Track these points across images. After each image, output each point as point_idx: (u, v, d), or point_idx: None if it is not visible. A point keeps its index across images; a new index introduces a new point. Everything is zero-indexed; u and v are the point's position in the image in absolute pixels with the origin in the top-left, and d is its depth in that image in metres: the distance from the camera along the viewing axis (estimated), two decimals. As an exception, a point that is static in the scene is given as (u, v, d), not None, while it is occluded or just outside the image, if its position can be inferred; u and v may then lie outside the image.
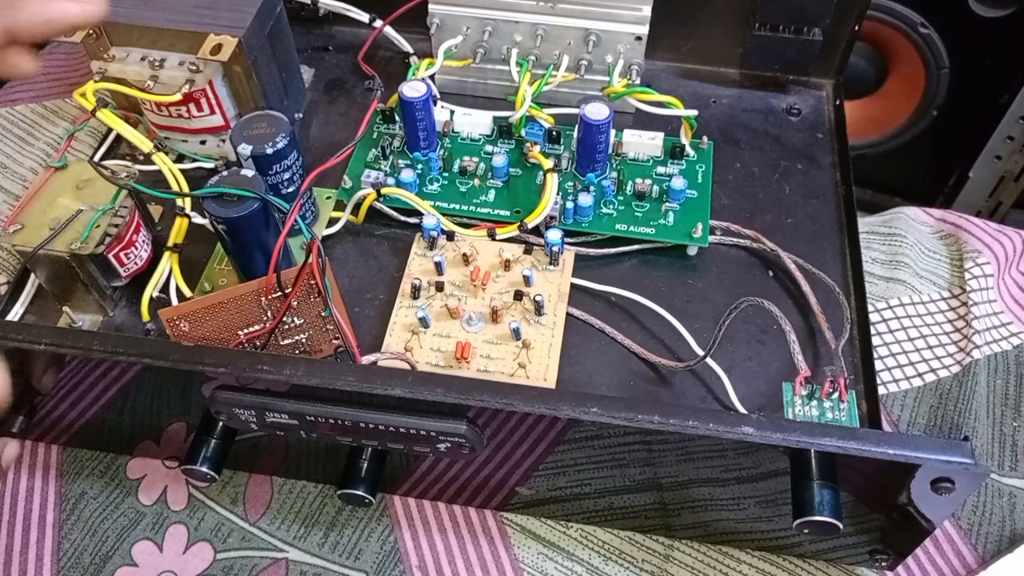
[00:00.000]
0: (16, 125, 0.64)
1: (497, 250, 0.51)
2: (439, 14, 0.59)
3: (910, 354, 0.52)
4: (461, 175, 0.56)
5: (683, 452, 0.38)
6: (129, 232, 0.48)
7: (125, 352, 0.38)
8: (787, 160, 0.59)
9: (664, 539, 0.46)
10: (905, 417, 0.50)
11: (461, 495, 0.46)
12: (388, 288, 0.52)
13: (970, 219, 0.58)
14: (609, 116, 0.51)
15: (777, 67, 0.62)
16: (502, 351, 0.48)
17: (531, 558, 0.46)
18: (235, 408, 0.39)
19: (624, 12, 0.56)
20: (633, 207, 0.54)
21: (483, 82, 0.62)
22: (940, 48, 0.90)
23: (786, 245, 0.52)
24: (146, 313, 0.48)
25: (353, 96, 0.63)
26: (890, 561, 0.44)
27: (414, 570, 0.45)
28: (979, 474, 0.34)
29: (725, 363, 0.47)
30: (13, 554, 0.46)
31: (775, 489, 0.39)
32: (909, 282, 0.55)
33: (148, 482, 0.49)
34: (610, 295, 0.51)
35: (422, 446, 0.39)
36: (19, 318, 0.51)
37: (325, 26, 0.67)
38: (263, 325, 0.45)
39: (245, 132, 0.47)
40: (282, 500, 0.48)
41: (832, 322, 0.49)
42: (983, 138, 0.93)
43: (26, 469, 0.49)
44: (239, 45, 0.51)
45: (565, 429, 0.38)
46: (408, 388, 0.36)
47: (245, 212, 0.43)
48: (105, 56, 0.53)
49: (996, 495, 0.47)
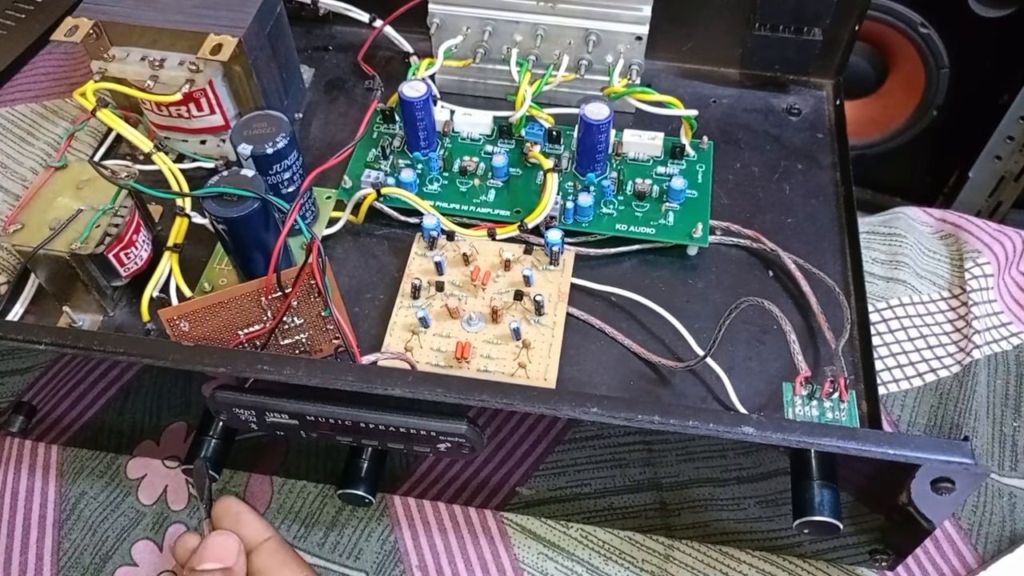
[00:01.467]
0: (16, 125, 0.64)
1: (497, 250, 0.51)
2: (439, 14, 0.59)
3: (910, 354, 0.52)
4: (461, 175, 0.56)
5: (683, 452, 0.38)
6: (129, 232, 0.48)
7: (125, 352, 0.38)
8: (787, 160, 0.59)
9: (664, 539, 0.46)
10: (905, 417, 0.50)
11: (461, 495, 0.46)
12: (388, 288, 0.52)
13: (970, 219, 0.58)
14: (609, 116, 0.51)
15: (777, 67, 0.62)
16: (502, 351, 0.48)
17: (531, 558, 0.46)
18: (235, 408, 0.39)
19: (624, 12, 0.56)
20: (633, 207, 0.54)
21: (483, 82, 0.62)
22: (940, 48, 0.90)
23: (786, 245, 0.52)
24: (146, 313, 0.48)
25: (353, 96, 0.63)
26: (890, 561, 0.44)
27: (414, 570, 0.45)
28: (979, 474, 0.34)
29: (725, 363, 0.47)
30: (13, 554, 0.46)
31: (775, 489, 0.39)
32: (909, 282, 0.55)
33: (148, 482, 0.49)
34: (610, 295, 0.51)
35: (422, 446, 0.39)
36: (19, 318, 0.51)
37: (325, 26, 0.67)
38: (263, 325, 0.45)
39: (245, 132, 0.47)
40: (282, 500, 0.48)
41: (832, 322, 0.49)
42: (983, 138, 0.93)
43: (26, 469, 0.49)
44: (239, 45, 0.51)
45: (565, 429, 0.38)
46: (408, 388, 0.36)
47: (245, 212, 0.43)
48: (105, 56, 0.53)
49: (996, 495, 0.47)
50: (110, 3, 0.53)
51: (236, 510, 0.42)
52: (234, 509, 0.43)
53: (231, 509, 0.43)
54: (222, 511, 0.42)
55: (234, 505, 0.43)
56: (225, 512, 0.42)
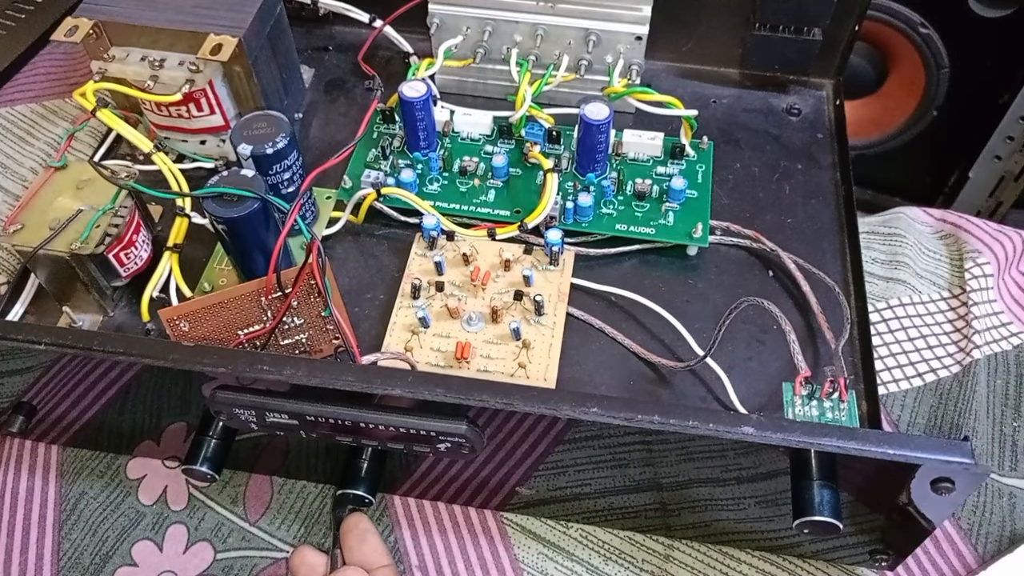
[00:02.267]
0: (16, 125, 0.64)
1: (497, 250, 0.51)
2: (439, 14, 0.59)
3: (910, 354, 0.52)
4: (461, 175, 0.56)
5: (683, 452, 0.38)
6: (129, 232, 0.48)
7: (125, 352, 0.38)
8: (787, 160, 0.59)
9: (664, 539, 0.46)
10: (905, 417, 0.50)
11: (461, 495, 0.46)
12: (388, 288, 0.52)
13: (970, 219, 0.58)
14: (609, 116, 0.51)
15: (777, 67, 0.62)
16: (502, 351, 0.48)
17: (531, 558, 0.46)
18: (235, 408, 0.39)
19: (624, 12, 0.56)
20: (633, 207, 0.54)
21: (483, 82, 0.62)
22: (940, 48, 0.90)
23: (786, 245, 0.52)
24: (146, 313, 0.48)
25: (353, 96, 0.63)
26: (890, 561, 0.44)
27: (414, 570, 0.45)
28: (979, 474, 0.34)
29: (725, 363, 0.47)
30: (13, 554, 0.46)
31: (775, 489, 0.39)
32: (909, 282, 0.55)
33: (148, 482, 0.49)
34: (610, 295, 0.51)
35: (422, 446, 0.39)
36: (19, 318, 0.51)
37: (325, 26, 0.67)
38: (263, 325, 0.45)
39: (245, 132, 0.47)
40: (282, 500, 0.48)
41: (832, 322, 0.49)
42: (983, 138, 0.93)
43: (26, 469, 0.49)
44: (239, 45, 0.51)
45: (565, 429, 0.38)
46: (408, 388, 0.36)
47: (245, 212, 0.43)
48: (105, 56, 0.53)
49: (996, 495, 0.47)
50: (110, 3, 0.53)
51: (364, 528, 0.44)
52: (362, 527, 0.44)
53: (359, 526, 0.44)
54: (352, 525, 0.44)
55: (363, 523, 0.44)
56: (354, 527, 0.44)
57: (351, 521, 0.44)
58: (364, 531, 0.44)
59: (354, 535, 0.44)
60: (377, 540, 0.44)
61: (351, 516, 0.45)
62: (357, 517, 0.45)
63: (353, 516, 0.45)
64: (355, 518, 0.45)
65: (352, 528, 0.44)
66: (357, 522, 0.44)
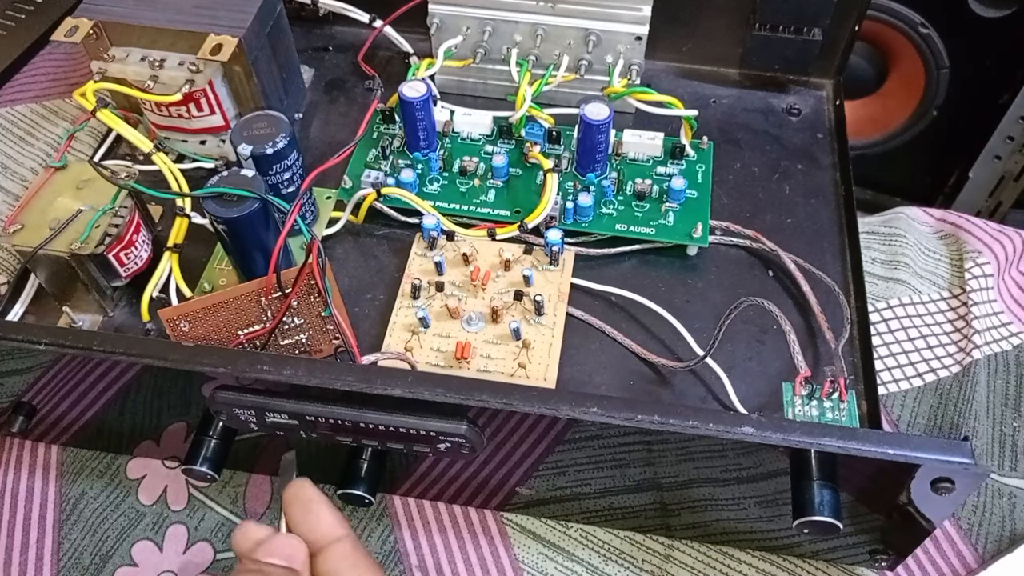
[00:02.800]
0: (16, 125, 0.64)
1: (497, 250, 0.51)
2: (439, 14, 0.59)
3: (910, 354, 0.52)
4: (461, 175, 0.56)
5: (683, 452, 0.38)
6: (129, 232, 0.48)
7: (125, 352, 0.38)
8: (787, 160, 0.59)
9: (664, 539, 0.46)
10: (905, 417, 0.50)
11: (461, 495, 0.46)
12: (388, 288, 0.52)
13: (970, 219, 0.58)
14: (609, 116, 0.51)
15: (777, 67, 0.62)
16: (502, 351, 0.48)
17: (531, 558, 0.46)
18: (235, 408, 0.39)
19: (624, 12, 0.56)
20: (633, 207, 0.54)
21: (483, 82, 0.62)
22: (940, 48, 0.90)
23: (786, 245, 0.52)
24: (146, 313, 0.48)
25: (353, 96, 0.63)
26: (890, 561, 0.44)
27: (414, 570, 0.45)
28: (979, 474, 0.34)
29: (725, 363, 0.47)
30: (13, 554, 0.46)
31: (775, 489, 0.39)
32: (909, 282, 0.55)
33: (148, 482, 0.49)
34: (610, 295, 0.51)
35: (422, 446, 0.39)
36: (19, 318, 0.51)
37: (325, 26, 0.67)
38: (263, 325, 0.45)
39: (245, 132, 0.47)
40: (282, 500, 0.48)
41: (832, 322, 0.49)
42: (983, 138, 0.93)
43: (26, 469, 0.49)
44: (239, 45, 0.51)
45: (565, 429, 0.38)
46: (408, 388, 0.36)
47: (245, 212, 0.43)
48: (105, 56, 0.53)
49: (996, 495, 0.47)
50: (110, 3, 0.53)
51: (308, 497, 0.38)
52: (306, 495, 0.38)
53: (302, 495, 0.38)
54: (292, 496, 0.38)
55: (307, 490, 0.38)
56: (293, 498, 0.38)
57: (291, 491, 0.38)
58: (307, 500, 0.37)
59: (296, 507, 0.37)
60: (326, 510, 0.37)
61: (293, 484, 0.38)
62: (298, 485, 0.38)
63: (293, 484, 0.38)
64: (295, 486, 0.38)
65: (292, 500, 0.37)
66: (298, 491, 0.38)
